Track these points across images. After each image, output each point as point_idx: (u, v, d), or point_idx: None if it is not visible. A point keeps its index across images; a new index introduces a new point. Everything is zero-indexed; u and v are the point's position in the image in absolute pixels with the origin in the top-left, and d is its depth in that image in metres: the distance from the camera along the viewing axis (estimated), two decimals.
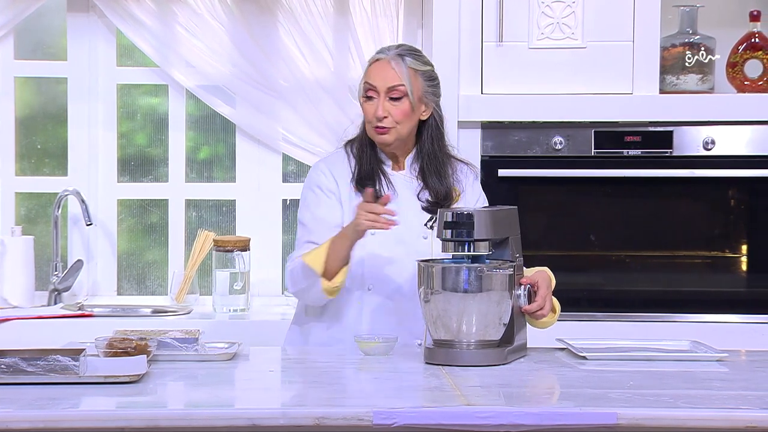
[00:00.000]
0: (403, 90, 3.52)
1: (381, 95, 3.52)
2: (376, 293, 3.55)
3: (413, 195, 3.60)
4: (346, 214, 3.56)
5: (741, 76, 4.67)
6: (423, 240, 3.55)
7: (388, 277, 3.55)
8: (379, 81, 3.53)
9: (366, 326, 3.54)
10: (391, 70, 3.52)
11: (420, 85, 3.54)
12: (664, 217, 4.62)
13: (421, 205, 3.59)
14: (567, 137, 4.56)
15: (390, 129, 3.54)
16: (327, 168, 3.64)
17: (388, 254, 3.54)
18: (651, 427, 2.65)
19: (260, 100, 4.86)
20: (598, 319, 4.54)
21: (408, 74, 3.52)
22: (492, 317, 3.21)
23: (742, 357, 3.44)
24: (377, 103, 3.52)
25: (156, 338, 3.21)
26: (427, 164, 3.61)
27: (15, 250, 4.76)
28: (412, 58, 3.55)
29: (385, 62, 3.54)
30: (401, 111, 3.53)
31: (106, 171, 4.99)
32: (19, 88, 4.99)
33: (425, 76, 3.56)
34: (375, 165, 3.61)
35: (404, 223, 3.51)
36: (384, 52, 3.57)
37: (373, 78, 3.54)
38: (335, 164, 3.65)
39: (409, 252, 3.52)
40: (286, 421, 2.62)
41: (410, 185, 3.61)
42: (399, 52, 3.56)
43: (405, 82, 3.52)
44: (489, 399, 2.81)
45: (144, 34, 4.85)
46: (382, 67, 3.54)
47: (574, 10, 4.54)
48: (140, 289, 5.04)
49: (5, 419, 2.58)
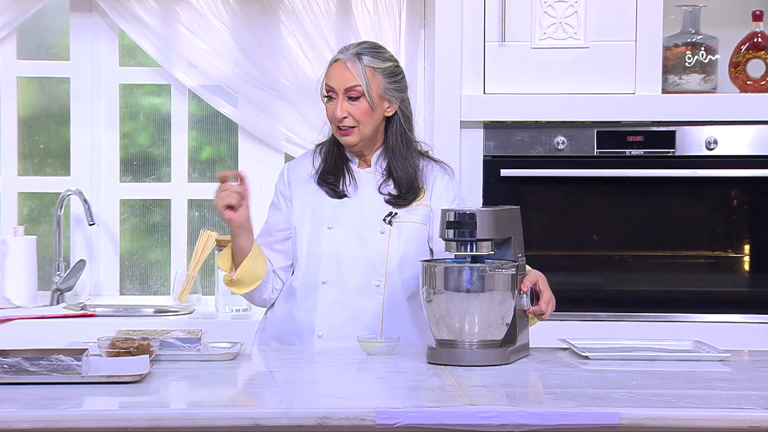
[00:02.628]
0: (360, 90, 3.53)
1: (340, 96, 3.55)
2: (330, 287, 3.58)
3: (375, 189, 3.62)
4: (297, 211, 3.64)
5: (743, 75, 4.67)
6: (380, 235, 3.57)
7: (343, 271, 3.57)
8: (337, 82, 3.55)
9: (320, 319, 3.57)
10: (347, 71, 3.54)
11: (379, 83, 3.55)
12: (667, 217, 4.62)
13: (384, 198, 3.61)
14: (569, 137, 4.56)
15: (353, 129, 3.56)
16: (287, 170, 3.73)
17: (344, 249, 3.58)
18: (653, 427, 2.65)
19: (263, 100, 4.86)
20: (601, 319, 4.54)
21: (365, 73, 3.53)
22: (494, 317, 3.21)
23: (745, 357, 3.44)
24: (336, 104, 3.55)
25: (158, 338, 3.21)
26: (393, 160, 3.62)
27: (18, 249, 4.77)
28: (370, 57, 3.56)
29: (341, 63, 3.56)
30: (360, 110, 3.54)
31: (108, 171, 4.99)
32: (22, 88, 4.99)
33: (385, 73, 3.57)
34: (340, 162, 3.64)
35: (363, 219, 3.58)
36: (342, 52, 3.59)
37: (331, 79, 3.56)
38: (298, 165, 3.72)
39: (364, 247, 3.56)
40: (288, 421, 2.62)
41: (373, 180, 3.64)
42: (357, 51, 3.57)
43: (361, 82, 3.53)
44: (491, 399, 2.81)
45: (146, 34, 4.85)
46: (339, 67, 3.56)
47: (576, 9, 4.54)
48: (143, 288, 5.04)
49: (8, 419, 2.58)
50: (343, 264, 3.57)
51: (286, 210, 3.67)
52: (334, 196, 3.61)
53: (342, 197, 3.61)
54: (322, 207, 3.61)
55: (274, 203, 3.73)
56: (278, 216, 3.69)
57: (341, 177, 3.63)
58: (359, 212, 3.58)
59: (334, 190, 3.61)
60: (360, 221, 3.58)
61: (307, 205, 3.63)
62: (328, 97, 3.57)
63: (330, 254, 3.58)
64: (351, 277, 3.57)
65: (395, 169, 3.61)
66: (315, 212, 3.62)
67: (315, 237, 3.59)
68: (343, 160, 3.65)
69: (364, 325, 3.55)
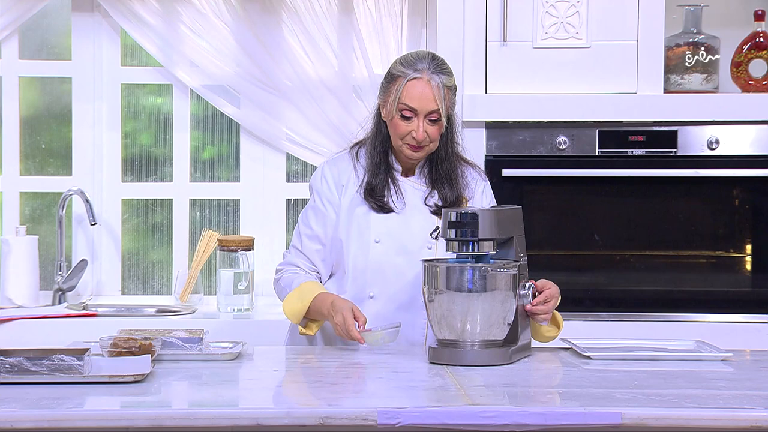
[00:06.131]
0: (440, 113, 3.49)
1: (420, 118, 3.49)
2: (376, 301, 3.55)
3: (421, 201, 3.59)
4: (343, 222, 3.57)
5: (745, 75, 4.67)
6: (427, 250, 3.54)
7: (389, 285, 3.55)
8: (419, 104, 3.48)
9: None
10: (430, 94, 3.47)
11: (449, 100, 3.53)
12: (669, 217, 4.62)
13: (430, 210, 3.58)
14: (571, 137, 4.56)
15: (424, 147, 3.53)
16: (330, 174, 3.64)
17: (391, 263, 3.54)
18: (655, 427, 2.65)
19: (264, 99, 4.86)
20: (603, 318, 4.54)
21: (444, 95, 3.49)
22: (496, 317, 3.21)
23: (747, 357, 3.44)
24: (416, 126, 3.49)
25: (160, 338, 3.21)
26: (438, 169, 3.60)
27: (19, 249, 4.77)
28: (445, 76, 3.50)
29: (424, 83, 3.47)
30: (436, 131, 3.52)
31: (110, 171, 5.00)
32: (24, 87, 4.99)
33: (452, 90, 3.54)
34: (385, 173, 3.59)
35: (410, 234, 3.53)
36: (420, 71, 3.49)
37: (413, 100, 3.48)
38: (340, 170, 3.64)
39: (411, 262, 3.52)
40: (291, 420, 2.62)
41: (419, 191, 3.61)
42: (433, 70, 3.49)
43: (441, 105, 3.48)
44: (493, 399, 2.81)
45: (148, 34, 4.85)
46: (422, 89, 3.47)
47: (578, 9, 4.54)
48: (144, 288, 5.04)
49: (10, 419, 2.58)
50: (390, 279, 3.54)
51: (335, 218, 3.60)
52: (380, 210, 3.56)
53: (389, 212, 3.57)
54: (368, 220, 3.56)
55: (318, 209, 3.62)
56: (326, 223, 3.60)
57: (387, 189, 3.58)
58: (406, 227, 3.53)
59: (381, 205, 3.56)
60: (407, 236, 3.53)
61: (353, 217, 3.57)
62: (403, 116, 3.50)
63: (377, 269, 3.54)
64: (397, 292, 3.55)
65: (439, 179, 3.58)
66: (361, 225, 3.56)
67: (362, 251, 3.54)
68: (389, 170, 3.60)
69: (407, 339, 3.53)
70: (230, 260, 4.77)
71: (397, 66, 3.53)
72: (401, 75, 3.50)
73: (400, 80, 3.50)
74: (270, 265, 4.95)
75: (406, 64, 3.52)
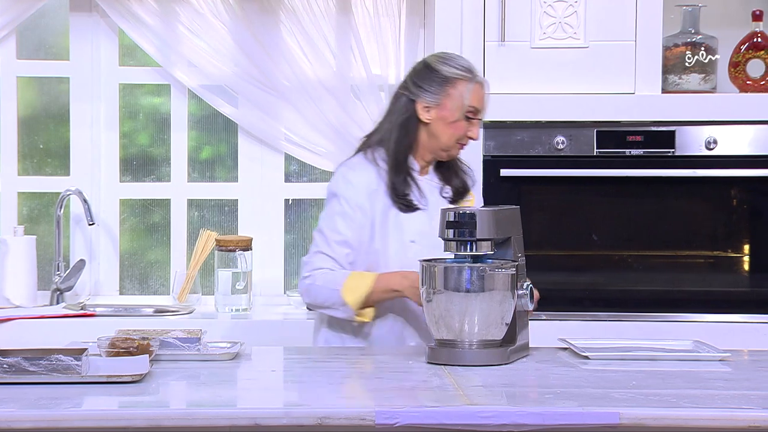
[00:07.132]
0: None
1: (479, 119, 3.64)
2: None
3: (438, 196, 3.67)
4: (378, 227, 3.60)
5: (743, 75, 4.67)
6: None
7: None
8: (483, 106, 3.65)
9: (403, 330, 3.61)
10: (487, 97, 3.67)
11: None
12: (667, 217, 4.62)
13: (447, 200, 3.67)
14: (569, 137, 4.56)
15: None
16: (357, 179, 3.63)
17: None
18: (654, 427, 2.65)
19: (262, 99, 4.86)
20: (601, 318, 4.53)
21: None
22: (494, 317, 3.21)
23: (745, 357, 3.44)
24: (478, 126, 3.64)
25: (158, 338, 3.21)
26: (448, 165, 3.70)
27: (17, 249, 4.77)
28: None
29: (484, 87, 3.65)
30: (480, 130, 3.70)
31: (108, 171, 4.99)
32: (22, 87, 4.99)
33: None
34: (407, 173, 3.65)
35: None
36: (476, 74, 3.64)
37: (480, 103, 3.63)
38: (363, 175, 3.63)
39: None
40: (289, 420, 2.62)
41: (435, 188, 3.69)
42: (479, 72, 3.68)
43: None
44: (491, 399, 2.81)
45: (146, 34, 4.85)
46: (484, 92, 3.65)
47: (576, 9, 4.54)
48: (142, 288, 5.04)
49: (8, 419, 2.58)
50: None
51: (364, 223, 3.60)
52: (407, 210, 3.62)
53: (416, 210, 3.62)
54: (399, 221, 3.61)
55: (347, 213, 3.60)
56: (355, 228, 3.60)
57: (409, 188, 3.63)
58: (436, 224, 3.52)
59: (407, 204, 3.61)
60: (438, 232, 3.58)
61: (386, 221, 3.61)
62: (467, 118, 3.61)
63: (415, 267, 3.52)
64: None
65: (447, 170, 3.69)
66: (396, 227, 3.60)
67: (401, 253, 3.59)
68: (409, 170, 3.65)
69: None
70: (228, 260, 4.77)
71: (450, 69, 3.62)
72: (461, 78, 3.60)
73: (462, 83, 3.60)
74: (268, 265, 4.96)
75: (460, 68, 3.63)
